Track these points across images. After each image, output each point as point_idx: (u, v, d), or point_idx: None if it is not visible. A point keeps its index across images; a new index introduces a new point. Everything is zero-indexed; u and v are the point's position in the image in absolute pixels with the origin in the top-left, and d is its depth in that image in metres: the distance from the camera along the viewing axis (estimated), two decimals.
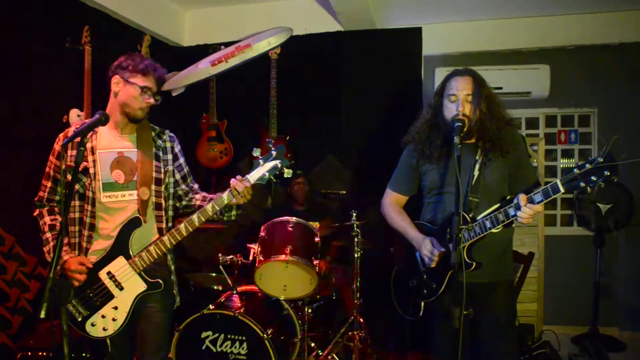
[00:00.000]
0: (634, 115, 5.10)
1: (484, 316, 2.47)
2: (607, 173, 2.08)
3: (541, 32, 5.18)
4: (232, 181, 2.50)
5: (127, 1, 4.47)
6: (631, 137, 5.02)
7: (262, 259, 3.60)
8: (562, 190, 2.19)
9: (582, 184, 2.13)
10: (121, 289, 2.48)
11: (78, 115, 3.84)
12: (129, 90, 2.50)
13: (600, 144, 5.28)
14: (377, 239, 4.04)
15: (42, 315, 1.89)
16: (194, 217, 2.50)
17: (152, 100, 2.53)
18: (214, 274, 4.12)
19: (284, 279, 3.67)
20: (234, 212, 2.66)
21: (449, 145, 2.55)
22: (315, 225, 3.84)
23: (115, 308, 2.48)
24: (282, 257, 3.54)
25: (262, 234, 3.76)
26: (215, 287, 4.00)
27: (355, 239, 3.89)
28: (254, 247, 3.78)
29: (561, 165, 5.49)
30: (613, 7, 4.98)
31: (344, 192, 4.30)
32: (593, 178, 2.10)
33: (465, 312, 2.19)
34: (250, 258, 3.83)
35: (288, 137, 4.95)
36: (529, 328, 4.69)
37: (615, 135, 5.05)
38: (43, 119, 3.76)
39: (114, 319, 2.47)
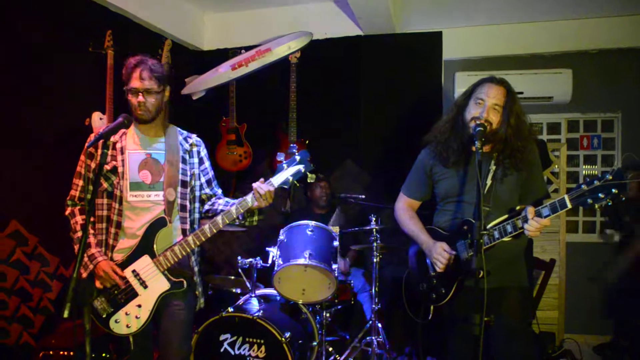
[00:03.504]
0: None
1: (495, 321, 2.51)
2: (614, 191, 2.09)
3: (562, 36, 5.16)
4: (255, 184, 2.55)
5: (148, 6, 4.57)
6: None
7: (281, 262, 3.63)
8: (569, 205, 2.21)
9: (590, 201, 2.14)
10: (145, 287, 2.55)
11: (100, 119, 3.91)
12: (129, 97, 2.60)
13: (623, 150, 5.21)
14: (396, 243, 4.04)
15: (66, 315, 1.95)
16: (218, 218, 2.56)
17: (141, 99, 2.56)
18: (232, 277, 4.17)
19: (303, 283, 3.70)
20: (255, 218, 2.70)
21: (466, 150, 2.57)
22: (335, 229, 3.85)
23: (139, 306, 2.54)
24: (301, 261, 3.56)
25: (281, 237, 3.79)
26: (234, 290, 4.03)
27: (374, 244, 3.89)
28: (273, 251, 3.82)
29: (583, 172, 5.43)
30: (636, 10, 4.94)
31: (363, 196, 4.29)
32: (600, 195, 2.11)
33: (486, 319, 2.22)
34: (269, 262, 3.87)
35: (307, 142, 4.97)
36: (549, 336, 4.66)
37: (639, 139, 5.06)
38: (65, 122, 3.86)
39: (137, 317, 2.54)
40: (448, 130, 2.68)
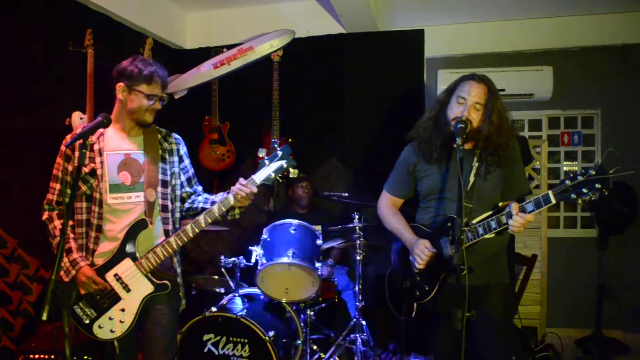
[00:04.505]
0: (638, 116, 5.11)
1: (479, 317, 2.50)
2: (598, 186, 2.12)
3: (544, 34, 5.21)
4: (235, 188, 2.54)
5: (129, 4, 4.52)
6: (635, 139, 5.05)
7: (265, 261, 3.64)
8: (553, 201, 2.24)
9: (574, 196, 2.17)
10: (128, 290, 2.52)
11: (80, 118, 3.87)
12: (135, 99, 2.54)
13: (603, 146, 5.27)
14: (379, 241, 4.04)
15: (44, 317, 1.92)
16: (200, 218, 2.55)
17: (159, 106, 2.59)
18: (216, 277, 4.15)
19: (286, 281, 3.71)
20: (237, 211, 2.67)
21: (448, 147, 2.58)
22: (318, 228, 3.85)
23: (123, 310, 2.52)
24: (285, 259, 3.56)
25: (264, 236, 3.80)
26: (217, 290, 4.01)
27: (358, 241, 3.89)
28: (257, 250, 3.81)
29: (564, 168, 5.49)
30: (615, 9, 5.02)
31: (347, 194, 4.30)
32: (584, 190, 2.14)
33: (467, 314, 2.24)
34: (253, 261, 3.86)
35: (290, 140, 4.95)
36: (532, 331, 4.70)
37: (619, 136, 5.14)
38: (45, 122, 3.79)
39: (121, 321, 2.52)
40: (431, 127, 2.69)
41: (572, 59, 5.24)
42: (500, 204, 2.57)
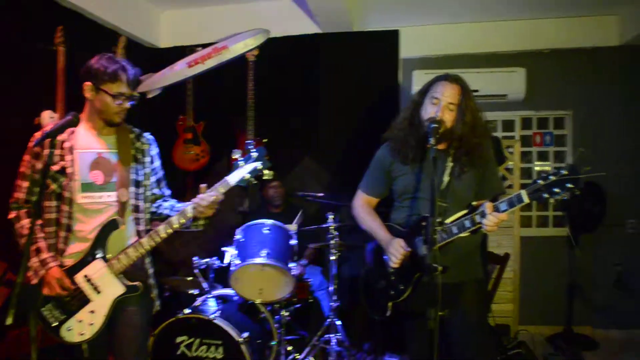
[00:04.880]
0: (608, 117, 5.23)
1: (453, 315, 2.54)
2: (570, 186, 2.14)
3: (517, 36, 5.29)
4: (198, 198, 2.50)
5: (102, 2, 4.45)
6: (605, 140, 5.16)
7: (238, 262, 3.61)
8: (526, 200, 2.26)
9: (546, 195, 2.19)
10: (98, 292, 2.47)
11: (51, 117, 3.80)
12: (101, 99, 2.48)
13: (575, 146, 5.36)
14: (355, 241, 4.05)
15: (9, 321, 1.87)
16: (161, 228, 2.51)
17: (127, 105, 2.53)
18: (189, 278, 4.09)
19: (260, 282, 3.69)
20: (201, 222, 2.63)
21: (423, 148, 2.59)
22: (292, 228, 3.83)
23: (92, 312, 2.46)
24: (259, 260, 3.55)
25: (238, 237, 3.77)
26: (191, 291, 3.97)
27: (332, 241, 3.89)
28: (230, 250, 3.78)
29: (537, 168, 5.56)
30: (587, 12, 5.12)
31: (321, 194, 4.29)
32: (556, 190, 2.16)
33: (440, 313, 2.24)
34: (226, 261, 3.83)
35: (266, 140, 4.93)
36: (504, 328, 4.76)
37: (590, 137, 5.23)
38: (14, 121, 3.71)
39: (91, 324, 2.46)
40: (405, 128, 2.69)
41: (545, 61, 5.32)
42: (474, 203, 2.59)
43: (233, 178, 2.51)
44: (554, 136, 5.54)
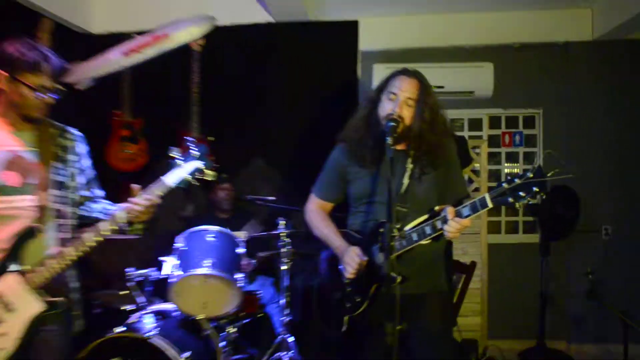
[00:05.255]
0: (580, 116, 5.33)
1: (414, 329, 2.53)
2: (535, 189, 2.16)
3: (485, 29, 5.36)
4: (131, 202, 2.43)
5: None
6: (577, 140, 5.23)
7: (179, 273, 3.55)
8: (490, 204, 2.27)
9: (511, 199, 2.22)
10: (11, 311, 2.33)
11: None
12: (18, 91, 2.36)
13: (545, 147, 5.44)
14: (309, 249, 4.00)
15: None
16: (87, 235, 2.41)
17: (48, 99, 2.42)
18: (123, 292, 3.95)
19: (204, 295, 3.62)
20: (139, 226, 2.58)
21: (380, 148, 2.56)
22: (240, 235, 3.77)
23: (3, 335, 2.32)
24: (201, 270, 3.49)
25: (179, 245, 3.70)
26: (125, 307, 3.83)
27: (283, 250, 3.84)
28: (170, 260, 3.70)
29: (505, 170, 5.62)
30: (559, 5, 5.20)
31: (272, 198, 4.24)
32: (521, 194, 2.19)
33: (398, 327, 2.22)
34: (166, 272, 3.74)
35: (213, 139, 4.86)
36: (472, 343, 4.78)
37: (560, 136, 5.32)
38: None
39: (1, 349, 2.32)
40: (362, 127, 2.69)
41: (514, 56, 5.41)
42: (436, 208, 2.59)
43: (171, 179, 2.45)
44: (524, 136, 5.62)
